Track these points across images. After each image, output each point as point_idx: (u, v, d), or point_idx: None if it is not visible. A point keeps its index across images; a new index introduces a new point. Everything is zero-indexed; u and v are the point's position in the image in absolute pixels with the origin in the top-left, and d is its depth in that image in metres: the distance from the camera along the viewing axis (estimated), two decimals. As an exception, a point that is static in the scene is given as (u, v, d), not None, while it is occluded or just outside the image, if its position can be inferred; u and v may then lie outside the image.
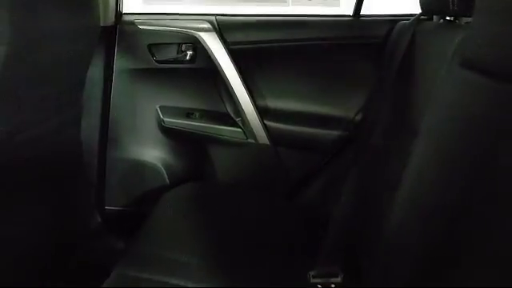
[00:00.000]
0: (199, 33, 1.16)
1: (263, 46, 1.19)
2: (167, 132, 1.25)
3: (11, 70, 0.74)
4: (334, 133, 1.17)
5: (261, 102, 1.21)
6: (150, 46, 1.20)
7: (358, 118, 1.15)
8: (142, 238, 0.88)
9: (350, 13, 1.19)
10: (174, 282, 0.76)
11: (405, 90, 0.86)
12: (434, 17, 0.95)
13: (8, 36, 0.71)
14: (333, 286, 0.75)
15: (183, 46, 1.20)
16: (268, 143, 1.20)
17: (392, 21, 1.09)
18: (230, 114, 1.25)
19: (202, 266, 0.80)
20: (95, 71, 1.13)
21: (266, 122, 1.20)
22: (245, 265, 0.82)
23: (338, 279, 0.75)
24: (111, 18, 1.17)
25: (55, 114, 0.95)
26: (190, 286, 0.75)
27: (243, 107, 1.19)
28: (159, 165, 1.26)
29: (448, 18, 0.83)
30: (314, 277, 0.75)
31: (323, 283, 0.75)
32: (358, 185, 0.88)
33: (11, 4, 0.71)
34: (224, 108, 1.25)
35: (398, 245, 0.65)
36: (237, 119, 1.23)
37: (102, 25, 1.06)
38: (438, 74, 0.69)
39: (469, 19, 0.78)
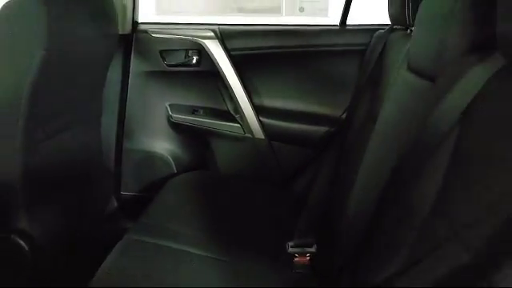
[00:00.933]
0: (204, 40, 1.28)
1: (260, 52, 1.30)
2: (175, 127, 1.38)
3: (47, 72, 0.87)
4: (323, 129, 1.28)
5: (257, 101, 1.32)
6: (162, 52, 1.32)
7: (344, 116, 1.25)
8: (150, 213, 1.01)
9: (337, 23, 1.30)
10: (176, 247, 0.88)
11: (373, 90, 0.99)
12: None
13: (46, 42, 0.84)
14: (308, 254, 0.86)
15: (190, 51, 1.32)
16: (263, 138, 1.31)
17: (373, 30, 1.19)
18: (230, 112, 1.36)
19: (200, 236, 0.92)
20: (114, 73, 1.26)
21: (261, 118, 1.31)
22: (236, 236, 0.95)
23: (313, 249, 0.85)
24: (128, 27, 1.30)
25: (79, 111, 1.07)
26: (189, 250, 0.87)
27: (241, 105, 1.30)
28: (168, 155, 1.38)
29: (413, 28, 0.94)
30: (292, 247, 0.85)
31: (300, 252, 0.85)
32: (332, 172, 1.01)
33: (48, 15, 0.83)
34: (225, 106, 1.37)
35: (355, 218, 0.78)
36: (236, 116, 1.34)
37: (120, 33, 1.17)
38: (393, 76, 0.82)
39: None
